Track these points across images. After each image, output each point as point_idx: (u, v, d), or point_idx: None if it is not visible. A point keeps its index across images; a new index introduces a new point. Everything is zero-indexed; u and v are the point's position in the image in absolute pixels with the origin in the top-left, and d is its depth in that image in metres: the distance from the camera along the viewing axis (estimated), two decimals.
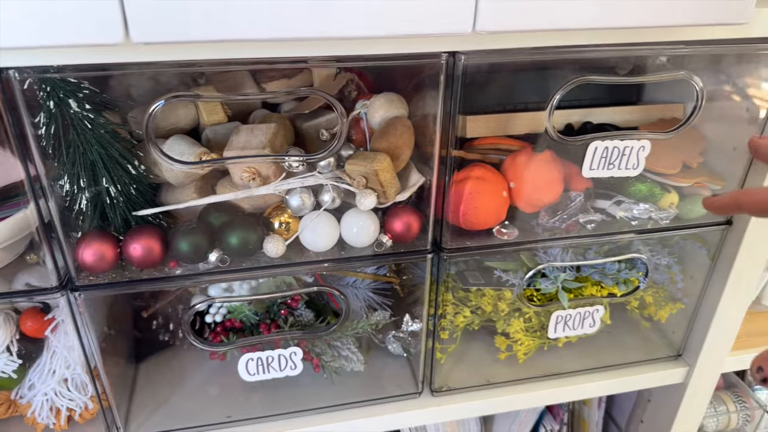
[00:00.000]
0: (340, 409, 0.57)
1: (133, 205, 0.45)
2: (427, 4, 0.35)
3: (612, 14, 0.38)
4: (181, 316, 0.57)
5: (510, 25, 0.35)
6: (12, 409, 0.53)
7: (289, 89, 0.53)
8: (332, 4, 0.34)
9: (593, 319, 0.59)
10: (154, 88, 0.50)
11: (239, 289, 0.56)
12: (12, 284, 0.47)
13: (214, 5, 0.32)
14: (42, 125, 0.40)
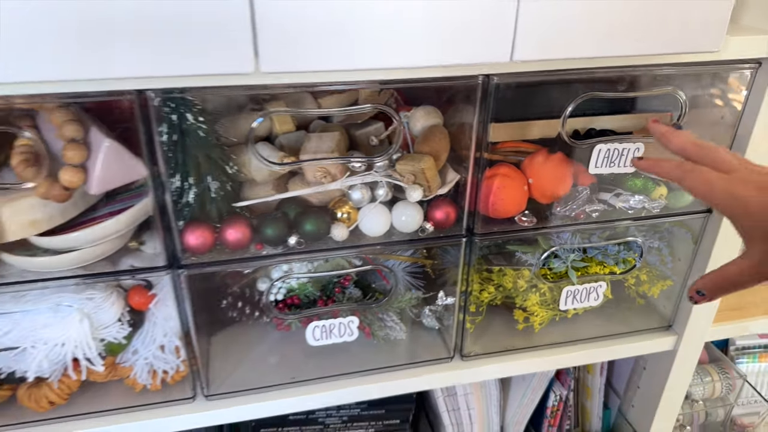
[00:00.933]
0: (386, 371, 0.68)
1: (227, 199, 0.56)
2: (473, 38, 0.46)
3: (614, 46, 0.49)
4: (252, 295, 0.67)
5: (540, 55, 0.46)
6: (113, 373, 0.63)
7: (346, 104, 0.64)
8: (400, 40, 0.45)
9: (597, 293, 0.70)
10: (228, 102, 0.60)
11: (298, 271, 0.67)
12: (117, 266, 0.57)
13: (322, 44, 0.42)
14: (164, 134, 0.50)
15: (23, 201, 0.51)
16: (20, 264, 0.53)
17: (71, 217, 0.54)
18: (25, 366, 0.57)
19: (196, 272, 0.57)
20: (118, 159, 0.50)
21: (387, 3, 0.43)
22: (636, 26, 0.49)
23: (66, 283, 0.55)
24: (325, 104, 0.63)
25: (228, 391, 0.64)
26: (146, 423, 0.62)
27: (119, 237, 0.56)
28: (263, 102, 0.60)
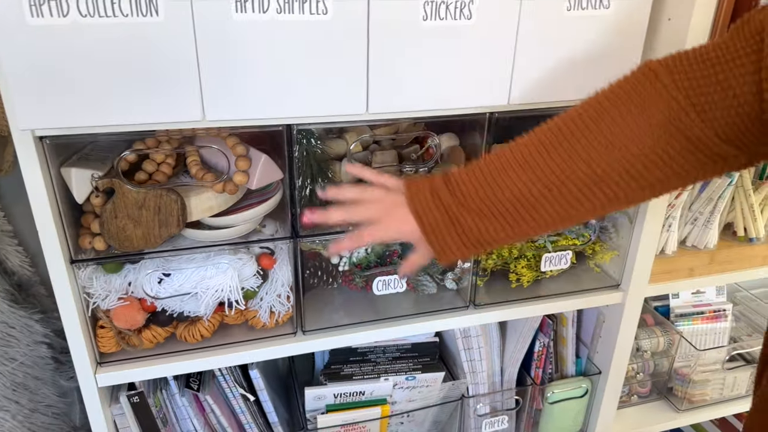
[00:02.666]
0: (423, 316, 0.98)
1: None
2: (479, 90, 0.78)
3: (560, 93, 0.82)
4: (328, 267, 0.97)
5: (527, 99, 0.79)
6: (241, 317, 0.92)
7: (393, 133, 0.95)
8: (431, 91, 0.77)
9: (566, 258, 1.01)
10: (328, 133, 0.91)
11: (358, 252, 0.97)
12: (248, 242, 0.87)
13: (402, 95, 0.74)
14: (296, 152, 0.81)
15: (204, 193, 0.81)
16: (195, 236, 0.83)
17: (229, 206, 0.84)
18: (190, 307, 0.86)
19: (306, 244, 0.87)
20: (269, 166, 0.81)
21: (431, 67, 0.75)
22: (577, 79, 0.82)
23: (224, 249, 0.85)
24: (378, 132, 0.95)
25: (318, 328, 0.94)
26: (263, 350, 0.91)
27: (253, 221, 0.86)
28: (342, 132, 0.92)
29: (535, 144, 0.60)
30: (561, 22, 0.76)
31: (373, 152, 0.91)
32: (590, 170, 0.57)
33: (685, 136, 0.54)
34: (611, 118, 0.56)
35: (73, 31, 0.60)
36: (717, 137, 0.53)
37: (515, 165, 0.59)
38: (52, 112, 0.64)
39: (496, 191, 0.59)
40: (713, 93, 0.52)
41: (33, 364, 0.91)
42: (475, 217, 0.60)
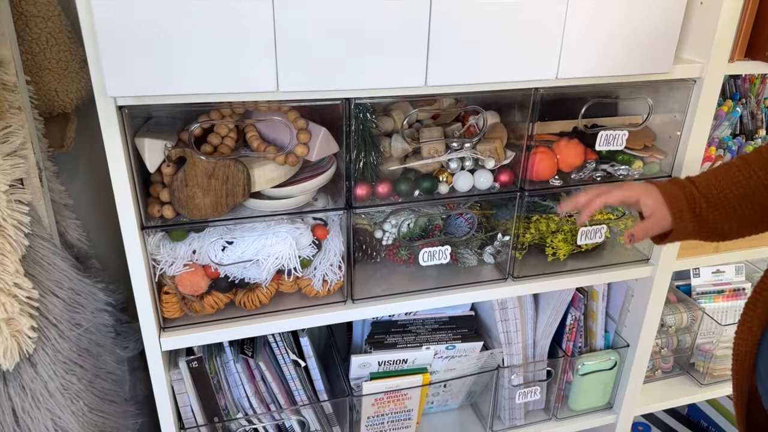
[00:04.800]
0: (464, 287, 1.02)
1: (377, 168, 0.91)
2: (530, 64, 0.83)
3: (607, 69, 0.86)
4: (372, 241, 1.02)
5: (575, 74, 0.83)
6: (296, 285, 0.96)
7: (437, 110, 1.00)
8: (485, 65, 0.81)
9: (601, 233, 1.06)
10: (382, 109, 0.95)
11: (403, 221, 1.01)
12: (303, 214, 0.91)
13: (464, 65, 0.78)
14: (352, 126, 0.85)
15: (266, 165, 0.85)
16: (257, 206, 0.87)
17: (288, 177, 0.88)
18: (250, 274, 0.91)
19: (361, 212, 0.92)
20: (327, 140, 0.85)
21: (486, 42, 0.79)
22: (619, 55, 0.86)
23: (283, 218, 0.89)
24: (423, 110, 0.99)
25: (366, 297, 0.98)
26: (316, 317, 0.95)
27: (310, 193, 0.91)
28: (389, 110, 0.96)
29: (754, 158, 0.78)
30: (607, 2, 0.80)
31: (419, 129, 0.96)
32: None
33: None
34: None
35: (162, 5, 0.65)
36: None
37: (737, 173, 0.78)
38: (136, 81, 0.68)
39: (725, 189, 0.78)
40: None
41: (96, 331, 0.95)
42: (708, 205, 0.79)
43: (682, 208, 0.81)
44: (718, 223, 0.80)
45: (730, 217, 0.79)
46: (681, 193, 0.81)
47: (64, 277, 0.89)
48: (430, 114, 1.00)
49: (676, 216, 0.81)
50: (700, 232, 0.81)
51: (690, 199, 0.80)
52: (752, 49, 0.98)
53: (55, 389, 0.89)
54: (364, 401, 1.08)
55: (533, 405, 1.26)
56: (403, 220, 0.98)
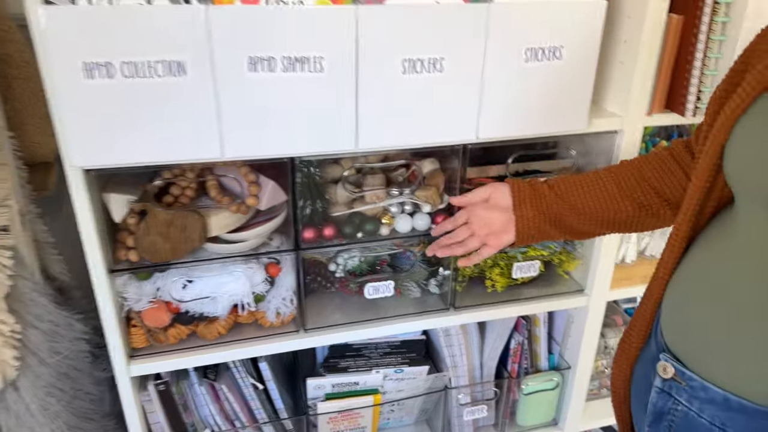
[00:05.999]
0: (409, 316, 1.12)
1: (323, 213, 1.01)
2: (451, 127, 0.93)
3: (529, 128, 0.96)
4: (326, 273, 1.12)
5: (494, 134, 0.93)
6: (252, 317, 1.07)
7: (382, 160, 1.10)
8: (409, 128, 0.91)
9: (534, 267, 1.16)
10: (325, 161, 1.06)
11: (352, 259, 1.11)
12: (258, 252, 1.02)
13: (382, 131, 0.89)
14: (298, 178, 0.95)
15: (222, 213, 0.96)
16: (214, 249, 0.98)
17: (242, 223, 0.99)
18: (209, 309, 1.01)
19: (307, 254, 1.02)
20: (275, 191, 0.96)
21: (410, 110, 0.89)
22: (536, 115, 0.96)
23: (237, 259, 1.00)
24: (370, 159, 1.10)
25: (316, 327, 1.08)
26: (270, 346, 1.06)
27: (262, 236, 1.01)
28: (340, 161, 1.06)
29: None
30: (520, 71, 0.90)
31: (364, 175, 1.06)
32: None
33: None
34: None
35: (117, 88, 0.75)
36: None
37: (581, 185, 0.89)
38: (99, 152, 0.79)
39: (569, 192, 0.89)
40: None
41: (74, 357, 1.06)
42: (550, 190, 0.89)
43: (524, 189, 0.89)
44: (559, 212, 0.88)
45: (569, 208, 0.88)
46: (526, 183, 0.91)
47: (44, 311, 1.00)
48: (379, 160, 1.10)
49: (515, 195, 0.89)
50: (541, 220, 0.89)
51: (534, 185, 0.90)
52: (670, 102, 1.08)
53: (36, 410, 0.99)
54: (320, 419, 1.19)
55: (483, 421, 1.36)
56: (349, 258, 1.09)
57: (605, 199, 0.87)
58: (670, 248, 0.69)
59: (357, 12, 0.79)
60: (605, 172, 0.89)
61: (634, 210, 0.86)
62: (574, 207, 0.87)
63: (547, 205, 0.88)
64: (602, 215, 0.87)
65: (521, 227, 0.90)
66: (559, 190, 0.89)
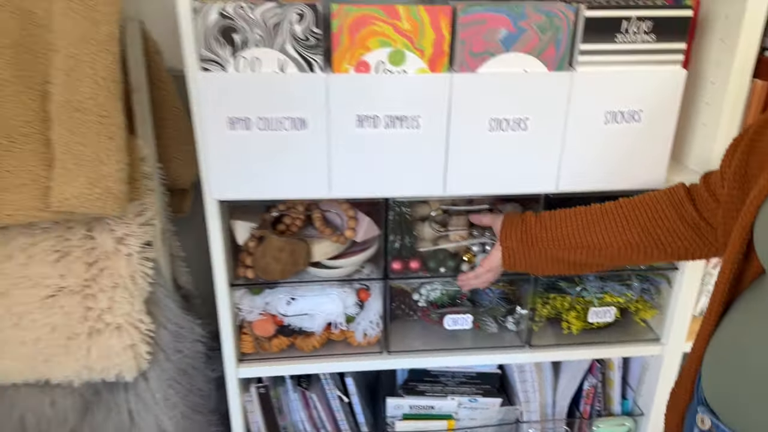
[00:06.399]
0: (485, 350, 1.21)
1: (410, 247, 1.13)
2: (532, 179, 1.02)
3: (602, 182, 1.04)
4: (409, 302, 1.23)
5: (573, 187, 1.02)
6: (342, 335, 1.20)
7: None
8: (493, 178, 1.02)
9: (610, 314, 1.20)
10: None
11: (434, 291, 1.22)
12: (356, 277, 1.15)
13: (476, 179, 1.00)
14: (390, 216, 1.08)
15: (324, 242, 1.10)
16: (315, 273, 1.13)
17: (339, 252, 1.13)
18: (307, 325, 1.16)
19: (394, 283, 1.15)
20: (370, 225, 1.09)
21: (494, 162, 1.00)
22: (615, 170, 1.03)
23: (334, 283, 1.14)
24: (456, 201, 1.20)
25: (399, 350, 1.20)
26: (357, 363, 1.18)
27: (356, 264, 1.15)
28: (428, 201, 1.18)
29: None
30: (599, 132, 0.98)
31: (450, 216, 1.17)
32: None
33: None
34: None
35: (252, 138, 0.92)
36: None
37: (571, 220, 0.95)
38: (234, 187, 0.97)
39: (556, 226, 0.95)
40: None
41: (192, 357, 1.24)
42: (537, 222, 0.97)
43: (514, 221, 0.98)
44: (543, 244, 0.94)
45: (553, 239, 0.94)
46: (518, 216, 0.99)
47: (173, 315, 1.19)
48: (464, 202, 1.21)
49: (504, 227, 0.98)
50: (524, 251, 0.96)
51: (524, 218, 0.98)
52: None
53: (159, 399, 1.18)
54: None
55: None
56: (432, 290, 1.19)
57: (592, 232, 0.92)
58: (709, 310, 0.73)
59: (452, 79, 0.91)
60: (598, 207, 0.94)
61: (619, 246, 0.91)
62: (559, 239, 0.93)
63: (532, 237, 0.95)
64: (587, 247, 0.92)
65: (507, 257, 0.99)
66: (545, 221, 0.96)
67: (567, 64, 0.94)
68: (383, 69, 0.90)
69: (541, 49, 0.91)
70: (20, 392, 1.11)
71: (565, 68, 0.94)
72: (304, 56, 0.88)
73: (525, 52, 0.91)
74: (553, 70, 0.93)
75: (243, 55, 0.87)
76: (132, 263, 1.08)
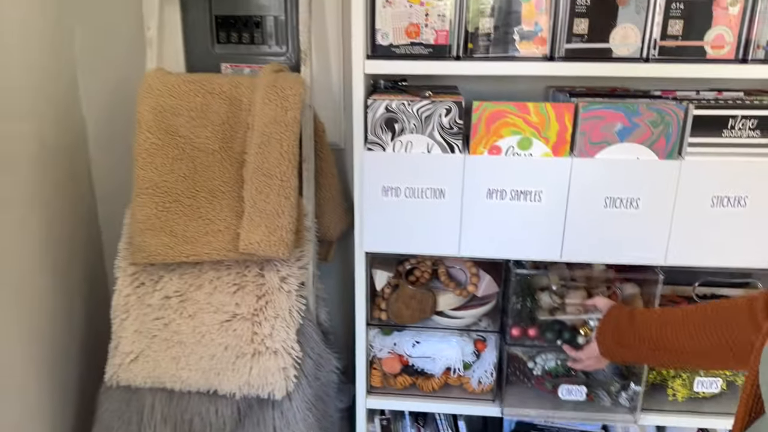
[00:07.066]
0: (600, 414, 1.30)
1: (530, 312, 1.27)
2: (645, 253, 1.14)
3: (718, 260, 1.13)
4: (524, 369, 1.36)
5: (680, 263, 1.13)
6: (458, 380, 1.35)
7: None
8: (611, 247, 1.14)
9: (716, 384, 1.26)
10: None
11: (549, 361, 1.34)
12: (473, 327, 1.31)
13: (589, 245, 1.14)
14: (511, 277, 1.24)
15: (448, 294, 1.28)
16: (439, 321, 1.30)
17: (461, 304, 1.29)
18: (429, 367, 1.32)
19: (511, 350, 1.29)
20: (491, 283, 1.25)
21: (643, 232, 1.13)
22: (727, 251, 1.12)
23: (455, 332, 1.30)
24: (576, 275, 1.33)
25: (510, 405, 1.32)
26: (470, 407, 1.32)
27: (475, 317, 1.31)
28: (547, 269, 1.32)
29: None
30: (706, 213, 1.09)
31: (569, 289, 1.29)
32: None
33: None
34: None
35: (399, 204, 1.14)
36: None
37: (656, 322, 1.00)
38: (382, 242, 1.18)
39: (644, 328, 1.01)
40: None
41: (327, 385, 1.44)
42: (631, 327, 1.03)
43: (612, 316, 1.06)
44: (632, 343, 1.01)
45: (642, 339, 1.00)
46: (615, 311, 1.07)
47: (316, 346, 1.40)
48: (583, 276, 1.32)
49: (605, 320, 1.07)
50: (616, 348, 1.04)
51: (620, 314, 1.05)
52: None
53: (299, 419, 1.38)
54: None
55: None
56: (548, 359, 1.31)
57: (673, 336, 0.96)
58: (737, 418, 0.74)
59: (572, 162, 1.08)
60: (681, 311, 0.98)
61: (695, 351, 0.94)
62: (646, 339, 0.99)
63: (623, 338, 1.03)
64: (668, 350, 0.97)
65: (603, 352, 1.09)
66: (636, 323, 1.02)
67: (676, 153, 1.07)
68: (512, 152, 1.09)
69: (653, 140, 1.05)
70: (193, 399, 1.36)
71: (674, 157, 1.07)
72: (447, 141, 1.10)
73: (638, 142, 1.06)
74: (664, 158, 1.07)
75: (400, 139, 1.10)
76: (291, 299, 1.31)
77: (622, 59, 1.08)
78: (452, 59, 1.11)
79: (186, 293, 1.32)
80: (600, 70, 1.07)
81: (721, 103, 1.05)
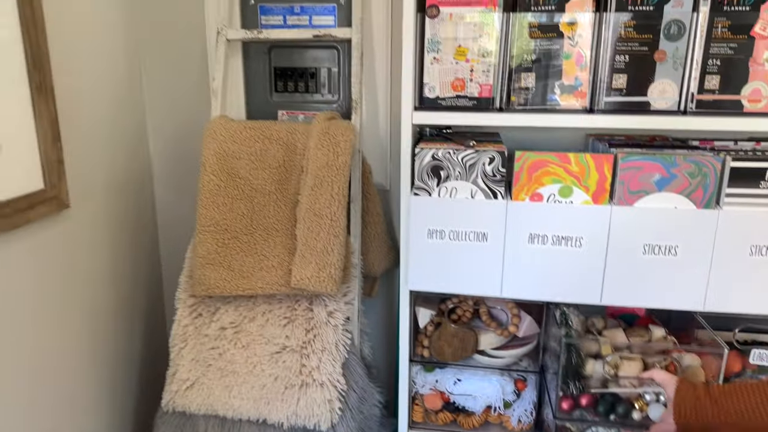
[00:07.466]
0: None
1: (579, 381, 1.30)
2: (684, 299, 1.16)
3: (754, 307, 1.15)
4: None
5: (718, 309, 1.15)
6: (499, 419, 1.38)
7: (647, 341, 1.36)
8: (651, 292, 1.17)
9: None
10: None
11: None
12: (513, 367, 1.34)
13: (630, 292, 1.17)
14: (552, 319, 1.28)
15: (489, 333, 1.32)
16: (480, 360, 1.34)
17: (502, 344, 1.33)
18: (470, 404, 1.36)
19: (560, 424, 1.32)
20: (531, 324, 1.29)
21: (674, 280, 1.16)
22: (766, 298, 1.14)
23: (495, 371, 1.34)
24: (633, 342, 1.35)
25: None
26: None
27: (516, 356, 1.34)
28: (599, 333, 1.35)
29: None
30: (744, 261, 1.11)
31: (622, 358, 1.30)
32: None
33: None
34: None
35: (444, 246, 1.20)
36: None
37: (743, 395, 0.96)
38: (426, 282, 1.24)
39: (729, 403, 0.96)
40: None
41: (369, 419, 1.49)
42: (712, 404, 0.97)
43: (687, 393, 0.98)
44: (712, 417, 0.94)
45: (722, 413, 0.94)
46: (690, 384, 0.99)
47: (360, 379, 1.46)
48: (639, 348, 1.31)
49: (679, 399, 0.98)
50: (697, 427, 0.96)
51: (696, 391, 0.97)
52: None
53: None
54: None
55: None
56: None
57: (753, 409, 0.92)
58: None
59: (611, 210, 1.12)
60: (755, 383, 0.95)
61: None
62: (727, 412, 0.94)
63: (700, 410, 0.97)
64: (751, 424, 0.92)
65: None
66: (718, 400, 0.96)
67: (714, 203, 1.10)
68: (554, 199, 1.14)
69: (691, 191, 1.09)
70: (244, 427, 1.43)
71: (712, 206, 1.10)
72: (490, 187, 1.16)
73: (676, 192, 1.10)
74: (701, 208, 1.10)
75: (445, 185, 1.17)
76: (337, 333, 1.38)
77: (660, 112, 1.13)
78: (495, 111, 1.18)
79: (240, 324, 1.40)
80: (639, 122, 1.12)
81: (758, 155, 1.08)
